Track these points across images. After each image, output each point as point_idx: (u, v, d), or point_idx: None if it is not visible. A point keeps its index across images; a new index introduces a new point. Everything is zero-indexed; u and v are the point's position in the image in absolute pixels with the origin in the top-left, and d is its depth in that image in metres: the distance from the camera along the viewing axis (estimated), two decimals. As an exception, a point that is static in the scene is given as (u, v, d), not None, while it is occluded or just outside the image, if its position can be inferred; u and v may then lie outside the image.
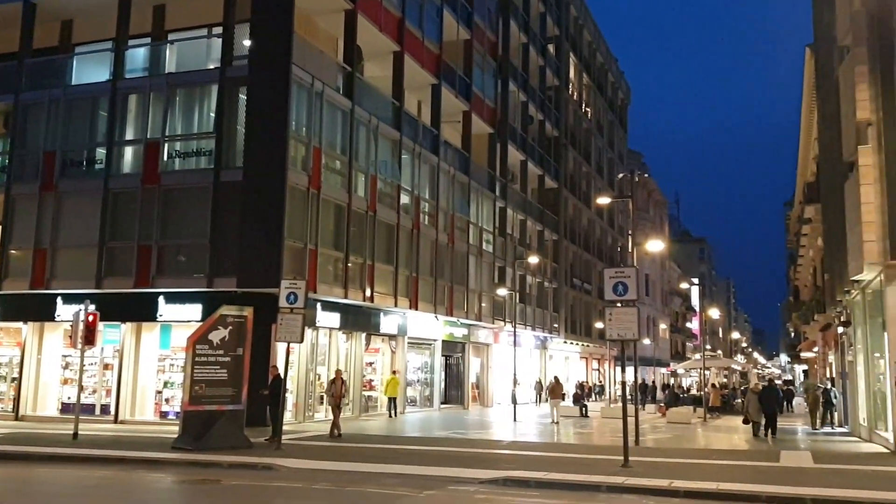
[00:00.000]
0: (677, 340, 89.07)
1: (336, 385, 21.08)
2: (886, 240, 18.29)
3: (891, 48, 18.94)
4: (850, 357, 26.16)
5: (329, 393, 21.55)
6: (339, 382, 21.23)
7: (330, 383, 21.68)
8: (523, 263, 41.88)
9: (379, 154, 28.87)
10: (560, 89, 51.62)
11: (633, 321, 15.84)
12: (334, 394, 20.98)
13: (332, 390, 21.19)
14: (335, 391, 21.01)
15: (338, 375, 21.56)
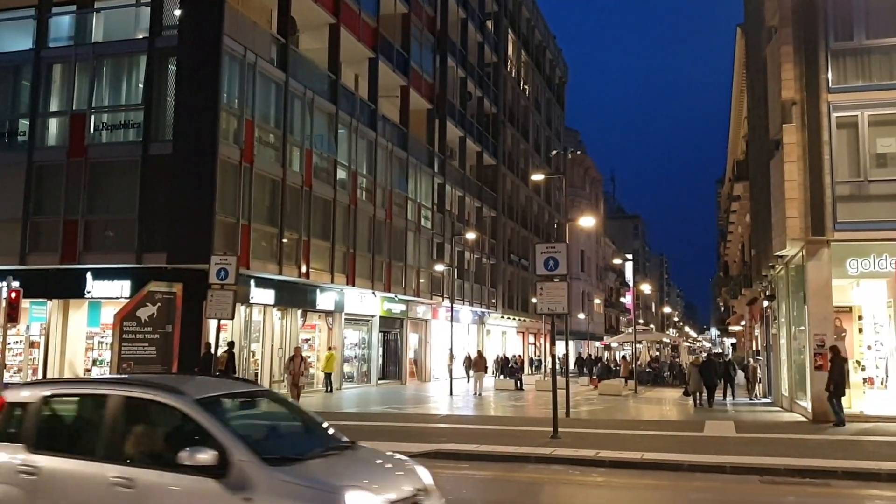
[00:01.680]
0: (611, 315, 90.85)
1: (295, 363, 20.19)
2: (808, 216, 18.92)
3: (815, 29, 19.46)
4: (774, 330, 27.08)
5: (287, 371, 20.68)
6: (298, 360, 20.37)
7: (288, 361, 20.79)
8: (462, 239, 42.06)
9: (314, 128, 28.52)
10: (498, 66, 51.68)
11: (563, 295, 16.05)
12: (292, 371, 20.03)
13: (290, 368, 20.25)
14: (293, 369, 20.06)
15: (297, 353, 20.60)
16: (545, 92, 65.96)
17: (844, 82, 19.35)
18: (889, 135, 19.14)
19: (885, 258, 18.18)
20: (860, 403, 19.31)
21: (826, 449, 13.98)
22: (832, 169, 18.97)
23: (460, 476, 12.04)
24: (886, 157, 19.15)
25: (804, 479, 11.45)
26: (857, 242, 18.79)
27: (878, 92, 19.02)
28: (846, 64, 19.49)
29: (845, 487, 11.07)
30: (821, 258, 18.98)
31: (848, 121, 19.16)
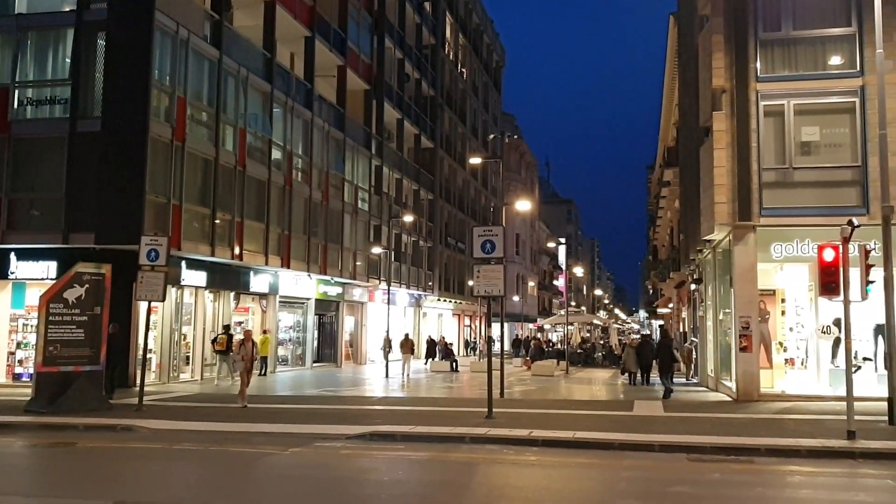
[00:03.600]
0: (545, 297, 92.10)
1: (247, 347, 18.47)
2: (735, 202, 19.50)
3: (745, 19, 19.98)
4: (701, 312, 27.87)
5: (239, 356, 18.77)
6: (251, 345, 19.05)
7: (239, 345, 19.09)
8: (399, 222, 41.98)
9: (249, 107, 28.03)
10: (436, 48, 51.55)
11: (499, 278, 16.24)
12: (244, 357, 18.33)
13: (241, 353, 18.50)
14: (245, 354, 18.36)
15: (248, 337, 18.97)
16: (482, 76, 66.10)
17: (772, 72, 19.96)
18: (813, 123, 19.81)
19: (808, 243, 18.88)
20: (782, 383, 20.09)
21: (750, 427, 14.51)
22: (759, 156, 19.58)
23: (396, 457, 12.12)
24: (811, 145, 19.84)
25: (729, 457, 11.88)
26: (781, 228, 19.47)
27: (803, 81, 19.68)
28: (774, 54, 20.09)
29: (768, 464, 11.52)
30: (747, 243, 19.61)
31: (775, 109, 19.78)
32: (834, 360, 19.36)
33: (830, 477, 10.74)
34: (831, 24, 19.79)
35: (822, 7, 19.88)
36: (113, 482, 10.05)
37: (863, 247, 13.89)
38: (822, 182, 19.55)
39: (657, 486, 9.94)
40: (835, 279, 13.19)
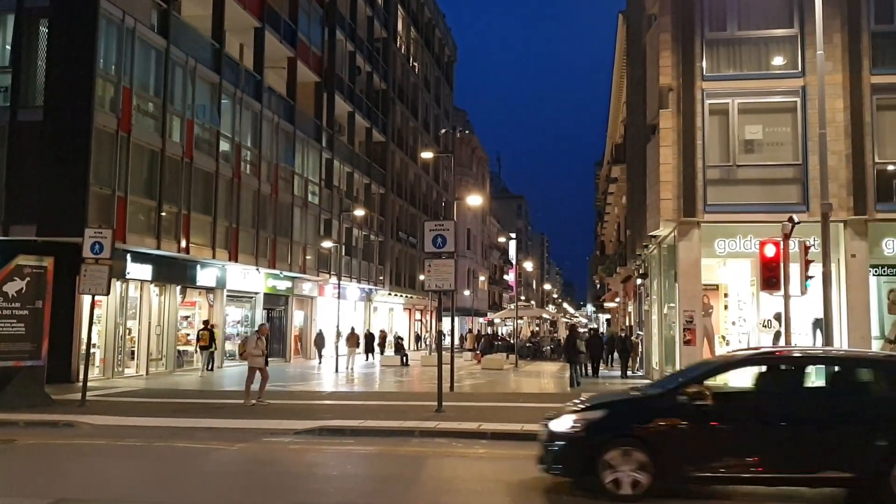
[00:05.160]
0: (495, 291, 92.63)
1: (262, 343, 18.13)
2: (680, 198, 19.89)
3: (692, 19, 20.36)
4: (646, 307, 28.36)
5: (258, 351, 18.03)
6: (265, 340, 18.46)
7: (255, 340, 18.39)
8: (350, 216, 41.75)
9: (197, 98, 27.57)
10: (388, 42, 51.35)
11: (450, 273, 16.28)
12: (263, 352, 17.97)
13: (259, 347, 18.00)
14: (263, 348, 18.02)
15: (263, 332, 18.80)
16: (434, 70, 66.09)
17: (717, 71, 20.38)
18: (757, 122, 20.28)
19: (751, 239, 19.33)
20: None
21: (692, 418, 14.81)
22: (704, 153, 19.99)
23: (345, 452, 12.10)
24: (754, 143, 20.31)
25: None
26: (725, 224, 19.91)
27: (747, 81, 20.13)
28: (719, 53, 20.51)
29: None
30: (691, 238, 20.01)
31: (720, 108, 20.20)
32: (774, 353, 19.86)
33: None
34: (774, 26, 20.28)
35: (766, 8, 20.35)
36: (55, 479, 9.85)
37: (802, 243, 14.27)
38: (765, 179, 20.04)
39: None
40: (776, 274, 13.55)
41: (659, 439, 8.69)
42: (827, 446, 8.55)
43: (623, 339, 30.30)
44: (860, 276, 19.43)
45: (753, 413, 8.94)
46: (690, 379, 9.32)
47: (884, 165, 19.56)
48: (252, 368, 17.93)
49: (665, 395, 9.24)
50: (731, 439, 8.76)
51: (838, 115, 19.38)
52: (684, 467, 8.69)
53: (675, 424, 8.75)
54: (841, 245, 19.40)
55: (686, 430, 8.72)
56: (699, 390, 8.90)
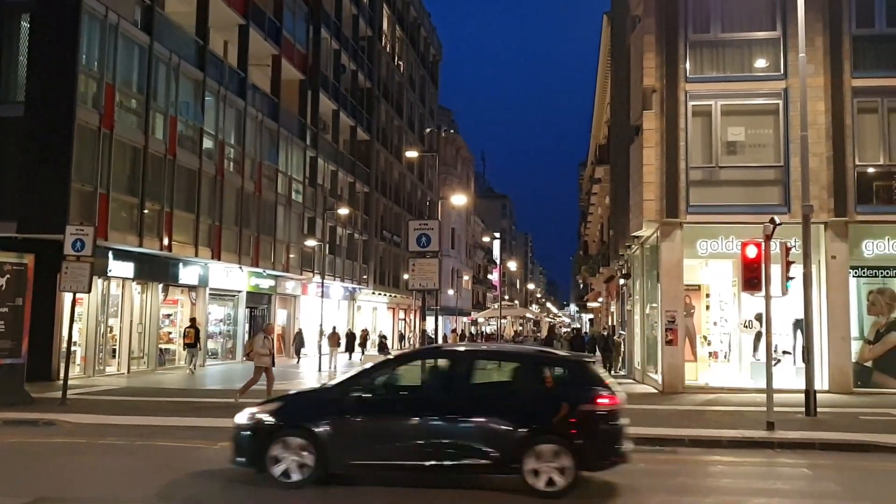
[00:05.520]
0: (479, 291, 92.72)
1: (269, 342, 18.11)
2: (663, 199, 20.02)
3: (675, 21, 20.50)
4: (629, 306, 28.51)
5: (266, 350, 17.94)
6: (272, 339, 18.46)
7: (262, 339, 18.22)
8: (333, 214, 41.66)
9: (180, 95, 27.41)
10: (373, 40, 51.29)
11: (434, 272, 16.26)
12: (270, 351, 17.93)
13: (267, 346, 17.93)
14: (269, 347, 17.96)
15: (270, 331, 18.84)
16: (419, 69, 66.07)
17: (700, 72, 20.53)
18: (739, 124, 20.47)
19: (732, 240, 19.49)
20: (706, 375, 20.70)
21: (675, 418, 14.94)
22: (687, 155, 20.13)
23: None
24: (736, 145, 20.49)
25: (654, 447, 12.17)
26: (707, 225, 20.08)
27: (730, 83, 20.30)
28: (703, 55, 20.67)
29: (691, 454, 11.89)
30: (674, 239, 20.15)
31: (703, 109, 20.35)
32: (755, 353, 20.05)
33: (750, 466, 11.15)
34: (757, 28, 20.45)
35: (749, 11, 20.52)
36: (34, 478, 9.76)
37: (784, 244, 14.41)
38: (747, 181, 20.22)
39: (584, 476, 10.15)
40: (757, 275, 13.67)
41: (324, 430, 9.14)
42: (472, 436, 9.05)
43: (605, 339, 30.44)
44: (840, 277, 19.64)
45: (409, 406, 9.44)
46: (361, 373, 9.89)
47: (864, 168, 19.78)
48: (258, 368, 17.74)
49: (334, 389, 9.81)
50: (387, 430, 9.21)
51: (820, 117, 19.57)
52: (345, 456, 9.16)
53: (339, 417, 9.23)
54: (821, 246, 19.60)
55: (348, 422, 9.23)
56: (363, 384, 9.55)
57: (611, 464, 9.18)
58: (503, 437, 8.91)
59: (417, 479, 9.18)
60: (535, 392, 9.39)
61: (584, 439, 8.86)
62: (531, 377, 9.57)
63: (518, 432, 8.89)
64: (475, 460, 8.98)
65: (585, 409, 8.98)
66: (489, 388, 9.92)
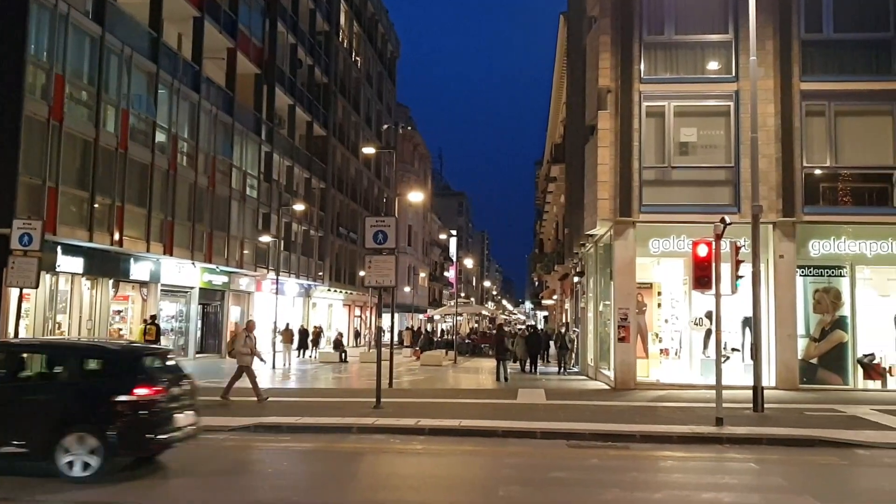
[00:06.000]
0: (435, 288, 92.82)
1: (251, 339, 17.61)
2: (617, 198, 20.27)
3: (630, 22, 20.75)
4: (583, 304, 28.81)
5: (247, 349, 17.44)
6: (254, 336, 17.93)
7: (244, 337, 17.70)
8: (289, 210, 41.30)
9: (132, 87, 26.89)
10: (330, 35, 50.94)
11: (391, 269, 16.30)
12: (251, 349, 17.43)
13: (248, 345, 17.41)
14: (252, 345, 17.47)
15: (251, 328, 18.15)
16: (377, 65, 65.80)
17: (655, 74, 20.82)
18: (691, 125, 20.81)
19: (684, 239, 19.83)
20: (657, 372, 21.03)
21: (626, 414, 15.15)
22: (640, 155, 20.41)
23: (281, 449, 12.02)
24: (688, 145, 20.84)
25: (607, 443, 12.39)
26: (659, 224, 20.38)
27: (683, 84, 20.63)
28: (657, 56, 20.95)
29: (642, 449, 12.08)
30: (627, 238, 20.42)
31: (656, 110, 20.65)
32: (705, 350, 20.44)
33: (699, 461, 11.38)
34: (710, 31, 20.80)
35: (703, 14, 20.86)
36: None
37: (733, 243, 14.69)
38: (698, 181, 20.58)
39: (538, 472, 10.27)
40: (707, 274, 13.93)
41: None
42: (11, 423, 9.51)
43: (561, 336, 30.77)
44: (788, 275, 20.11)
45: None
46: None
47: (811, 169, 20.26)
48: (241, 367, 17.40)
49: None
50: None
51: (769, 119, 20.01)
52: None
53: None
54: (770, 246, 20.04)
55: None
56: None
57: (147, 451, 9.81)
58: (38, 427, 9.38)
59: None
60: (74, 383, 9.76)
61: (117, 428, 9.28)
62: (72, 369, 9.91)
63: (51, 421, 9.34)
64: (13, 449, 9.42)
65: (121, 400, 9.36)
66: (30, 381, 10.22)
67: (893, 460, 11.28)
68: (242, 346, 17.60)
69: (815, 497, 8.75)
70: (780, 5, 20.30)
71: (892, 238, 20.10)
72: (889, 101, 20.09)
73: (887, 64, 20.21)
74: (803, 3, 20.53)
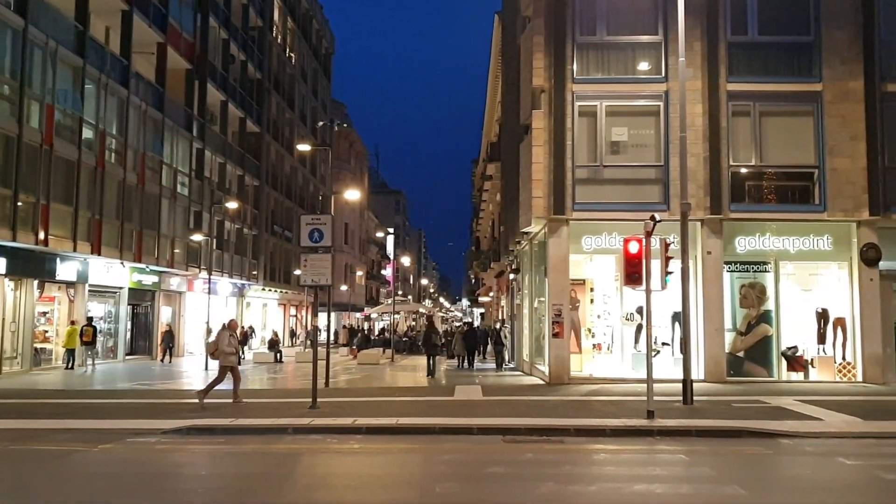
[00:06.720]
0: (372, 286, 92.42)
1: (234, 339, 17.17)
2: (551, 196, 20.54)
3: (563, 22, 21.02)
4: (518, 301, 29.11)
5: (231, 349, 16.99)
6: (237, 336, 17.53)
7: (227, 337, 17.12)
8: (221, 208, 40.60)
9: (58, 82, 26.11)
10: (264, 31, 50.24)
11: (327, 267, 16.18)
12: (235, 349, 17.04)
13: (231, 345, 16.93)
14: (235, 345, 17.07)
15: (233, 327, 17.66)
16: (312, 62, 65.15)
17: (587, 74, 21.14)
18: (622, 124, 21.19)
19: (615, 236, 20.23)
20: (590, 366, 21.38)
21: (561, 409, 15.37)
22: (573, 154, 20.72)
23: (215, 451, 11.83)
24: (619, 144, 21.23)
25: (542, 438, 12.53)
26: (592, 221, 20.73)
27: (614, 84, 21.00)
28: (589, 57, 21.28)
29: (576, 443, 12.27)
30: (560, 235, 20.72)
31: (588, 110, 20.98)
32: (636, 344, 20.88)
33: (631, 454, 11.61)
34: (641, 32, 21.22)
35: (633, 15, 21.27)
36: None
37: (663, 240, 15.03)
38: (629, 179, 21.00)
39: (475, 468, 10.35)
40: (638, 270, 14.22)
41: None
42: None
43: (497, 333, 31.03)
44: (715, 271, 20.68)
45: None
46: None
47: (737, 168, 20.87)
48: (224, 368, 16.91)
49: None
50: None
51: (697, 119, 20.52)
52: None
53: None
54: (698, 242, 20.58)
55: None
56: None
57: None
58: None
59: None
60: None
61: None
62: None
63: None
64: None
65: None
66: None
67: (814, 448, 11.71)
68: (227, 346, 17.03)
69: (742, 486, 9.03)
70: (707, 8, 20.84)
71: (814, 234, 20.85)
72: (810, 102, 20.82)
73: (808, 66, 20.94)
74: (729, 7, 21.11)
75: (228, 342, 17.12)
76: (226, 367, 17.00)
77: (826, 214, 20.55)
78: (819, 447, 11.78)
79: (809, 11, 21.02)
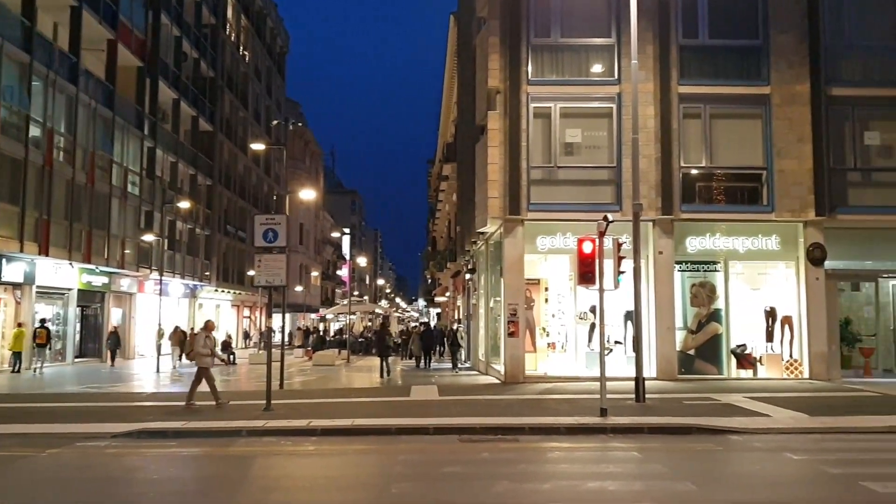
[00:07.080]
0: (328, 287, 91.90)
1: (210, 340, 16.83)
2: (506, 197, 20.66)
3: (518, 24, 21.16)
4: (474, 300, 29.21)
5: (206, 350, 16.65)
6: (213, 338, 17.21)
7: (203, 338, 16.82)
8: (173, 208, 39.97)
9: (4, 79, 25.45)
10: (217, 29, 49.60)
11: (281, 268, 16.04)
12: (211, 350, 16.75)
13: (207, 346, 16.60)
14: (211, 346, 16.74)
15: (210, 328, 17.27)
16: (266, 60, 64.52)
17: (542, 75, 21.30)
18: (576, 126, 21.40)
19: (569, 236, 20.42)
20: (544, 365, 21.55)
21: (516, 408, 15.48)
22: (528, 155, 20.87)
23: (167, 454, 11.67)
24: (573, 146, 21.44)
25: (497, 436, 12.61)
26: (546, 222, 20.90)
27: (568, 86, 21.19)
28: (544, 59, 21.44)
29: (531, 441, 12.37)
30: (516, 235, 20.86)
31: (543, 111, 21.15)
32: (590, 343, 21.11)
33: (585, 451, 11.74)
34: (594, 35, 21.45)
35: (587, 18, 21.49)
36: None
37: (616, 240, 15.22)
38: (583, 180, 21.21)
39: (431, 467, 10.38)
40: (591, 270, 14.39)
41: None
42: None
43: (454, 333, 31.10)
44: (666, 271, 21.01)
45: None
46: None
47: (688, 169, 21.22)
48: (201, 369, 16.56)
49: None
50: None
51: (649, 121, 20.82)
52: None
53: None
54: (650, 242, 20.88)
55: None
56: None
57: None
58: None
59: None
60: None
61: None
62: None
63: None
64: None
65: None
66: None
67: (763, 444, 11.98)
68: (202, 348, 16.70)
69: (694, 482, 9.19)
70: (659, 11, 21.15)
71: (762, 234, 21.31)
72: (759, 104, 21.27)
73: (757, 70, 21.38)
74: (681, 10, 21.45)
75: (204, 343, 16.86)
76: (203, 369, 16.71)
77: (774, 215, 21.02)
78: (767, 443, 12.06)
79: (758, 16, 21.47)
